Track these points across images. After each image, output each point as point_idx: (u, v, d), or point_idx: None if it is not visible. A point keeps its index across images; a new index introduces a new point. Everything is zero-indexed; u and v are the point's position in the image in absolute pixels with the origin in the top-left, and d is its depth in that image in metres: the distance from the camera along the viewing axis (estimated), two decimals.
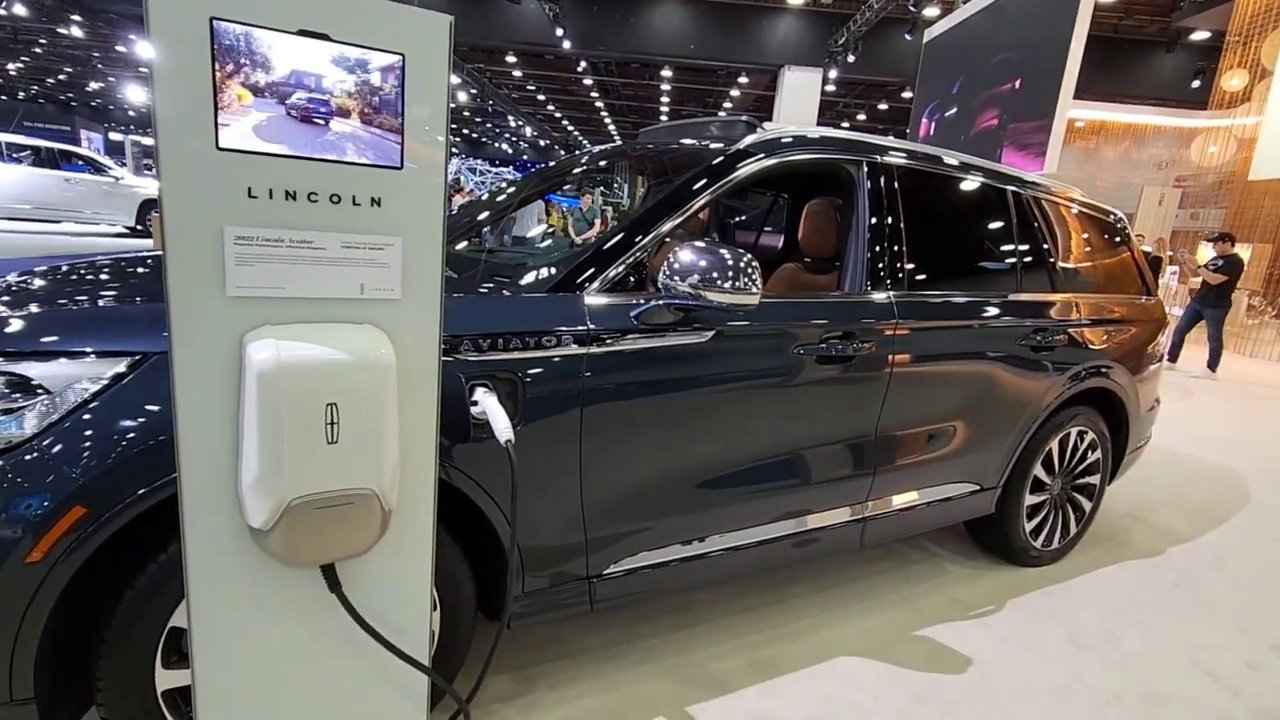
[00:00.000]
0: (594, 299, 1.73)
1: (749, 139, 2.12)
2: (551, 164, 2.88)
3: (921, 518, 2.52)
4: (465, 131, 40.81)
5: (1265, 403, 7.08)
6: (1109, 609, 2.67)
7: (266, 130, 1.03)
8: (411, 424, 1.24)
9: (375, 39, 1.07)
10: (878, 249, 2.26)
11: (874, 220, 2.26)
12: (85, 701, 1.45)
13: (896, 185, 2.33)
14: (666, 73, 22.37)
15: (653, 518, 1.90)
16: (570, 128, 37.07)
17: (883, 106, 25.15)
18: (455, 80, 20.75)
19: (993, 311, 2.53)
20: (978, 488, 2.64)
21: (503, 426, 1.43)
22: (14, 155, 10.93)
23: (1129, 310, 3.06)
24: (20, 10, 14.08)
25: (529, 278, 1.81)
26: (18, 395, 1.27)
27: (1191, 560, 3.15)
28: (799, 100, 18.18)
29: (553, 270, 1.79)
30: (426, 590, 1.38)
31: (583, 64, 21.04)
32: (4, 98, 33.89)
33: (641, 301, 1.76)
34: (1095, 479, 3.02)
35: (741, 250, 1.74)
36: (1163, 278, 12.21)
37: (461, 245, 2.47)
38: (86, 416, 1.25)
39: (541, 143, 40.94)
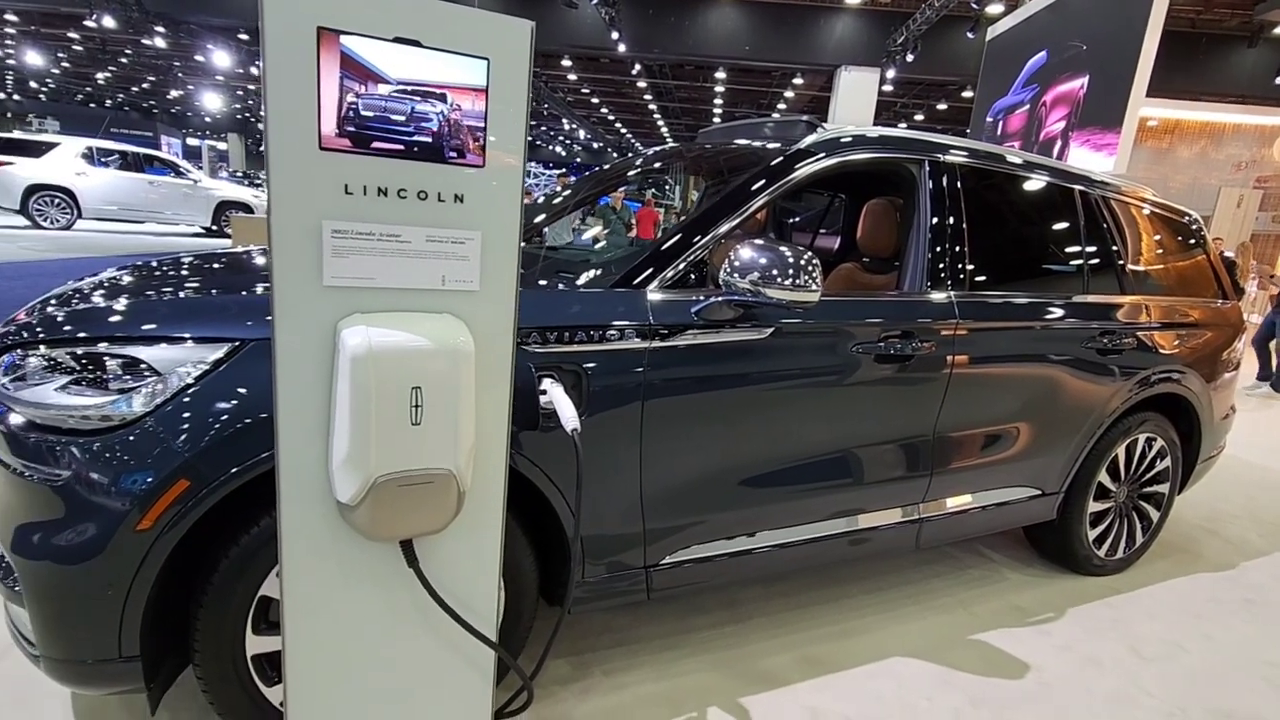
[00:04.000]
0: (656, 295, 1.78)
1: (809, 139, 2.14)
2: (609, 166, 2.95)
3: (979, 521, 2.49)
4: None
5: None
6: (1175, 621, 2.59)
7: (363, 131, 1.11)
8: (486, 410, 1.31)
9: (463, 44, 1.14)
10: (938, 249, 2.25)
11: (935, 220, 2.25)
12: (182, 662, 1.57)
13: (959, 184, 2.31)
14: (720, 74, 22.35)
15: (709, 510, 1.94)
16: (623, 130, 37.32)
17: (941, 106, 24.60)
18: None
19: (1057, 313, 2.48)
20: (1038, 493, 2.59)
21: (569, 415, 1.49)
22: (103, 160, 11.59)
23: (1203, 314, 2.96)
24: (110, 23, 14.92)
25: (592, 274, 1.87)
26: (129, 377, 1.38)
27: (1265, 574, 3.03)
28: (855, 101, 17.92)
29: (616, 267, 1.85)
30: (496, 570, 1.45)
31: (637, 67, 21.16)
32: (93, 105, 35.97)
33: (702, 298, 1.80)
34: (1164, 488, 2.93)
35: (802, 248, 1.76)
36: (1244, 283, 11.63)
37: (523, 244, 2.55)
38: (190, 398, 1.36)
39: (594, 145, 41.31)
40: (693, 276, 1.88)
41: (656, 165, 3.00)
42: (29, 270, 7.94)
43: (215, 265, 2.06)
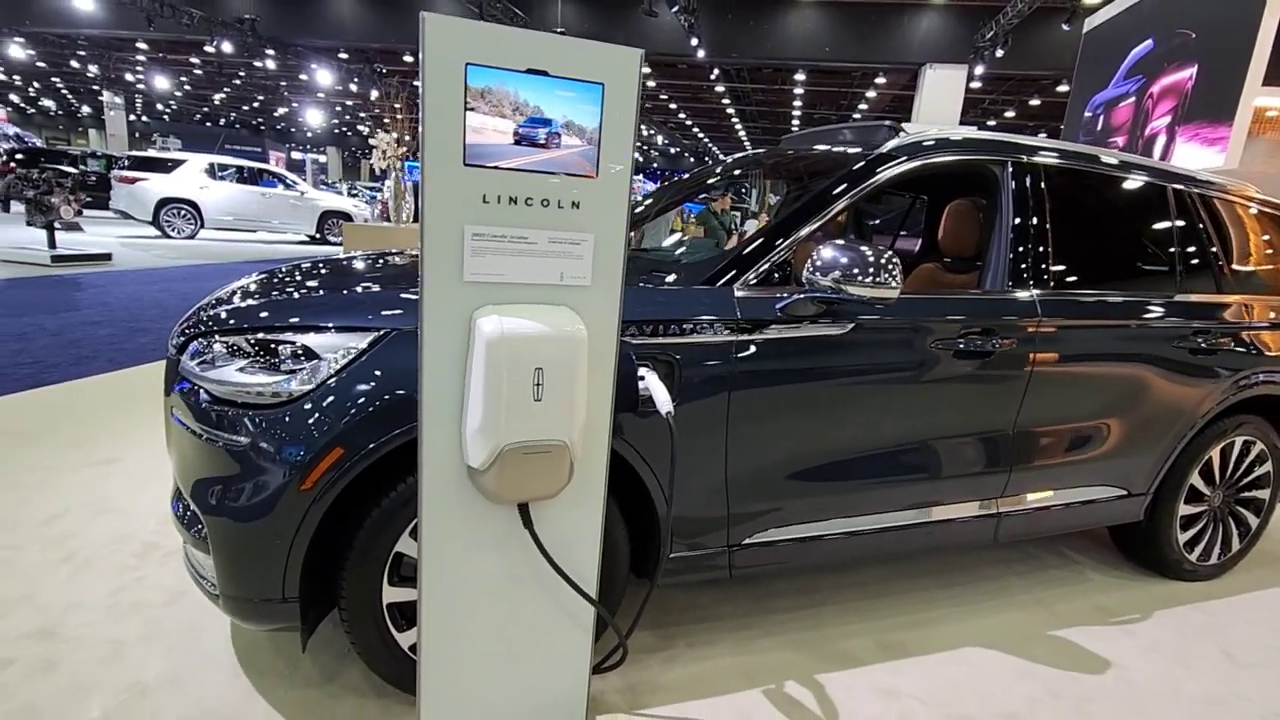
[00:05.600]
0: (742, 292, 1.92)
1: (891, 143, 2.23)
2: (694, 171, 3.10)
3: (1060, 518, 2.50)
4: None
5: None
6: (1274, 628, 2.53)
7: (499, 149, 1.30)
8: (593, 391, 1.49)
9: (583, 72, 1.32)
10: (1020, 248, 2.29)
11: (1017, 219, 2.30)
12: (326, 610, 1.81)
13: (1043, 185, 2.35)
14: (799, 76, 22.16)
15: (789, 496, 2.06)
16: (700, 135, 37.42)
17: (1035, 102, 23.59)
18: None
19: (1145, 312, 2.47)
20: (1124, 493, 2.58)
21: (664, 400, 1.65)
22: (222, 174, 12.62)
23: None
24: (227, 47, 16.20)
25: (685, 273, 2.03)
26: (294, 361, 1.63)
27: None
28: (940, 99, 17.46)
29: (706, 267, 2.00)
30: (598, 537, 1.62)
31: (715, 72, 21.25)
32: (209, 124, 38.92)
33: (785, 295, 1.93)
34: (1264, 493, 2.84)
35: (883, 248, 1.87)
36: None
37: None
38: (343, 378, 1.60)
39: (672, 150, 41.56)
40: (776, 276, 2.01)
41: (738, 171, 3.13)
42: (161, 275, 8.78)
43: (353, 267, 2.33)
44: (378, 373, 1.60)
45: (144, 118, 38.45)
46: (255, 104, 34.56)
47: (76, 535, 2.54)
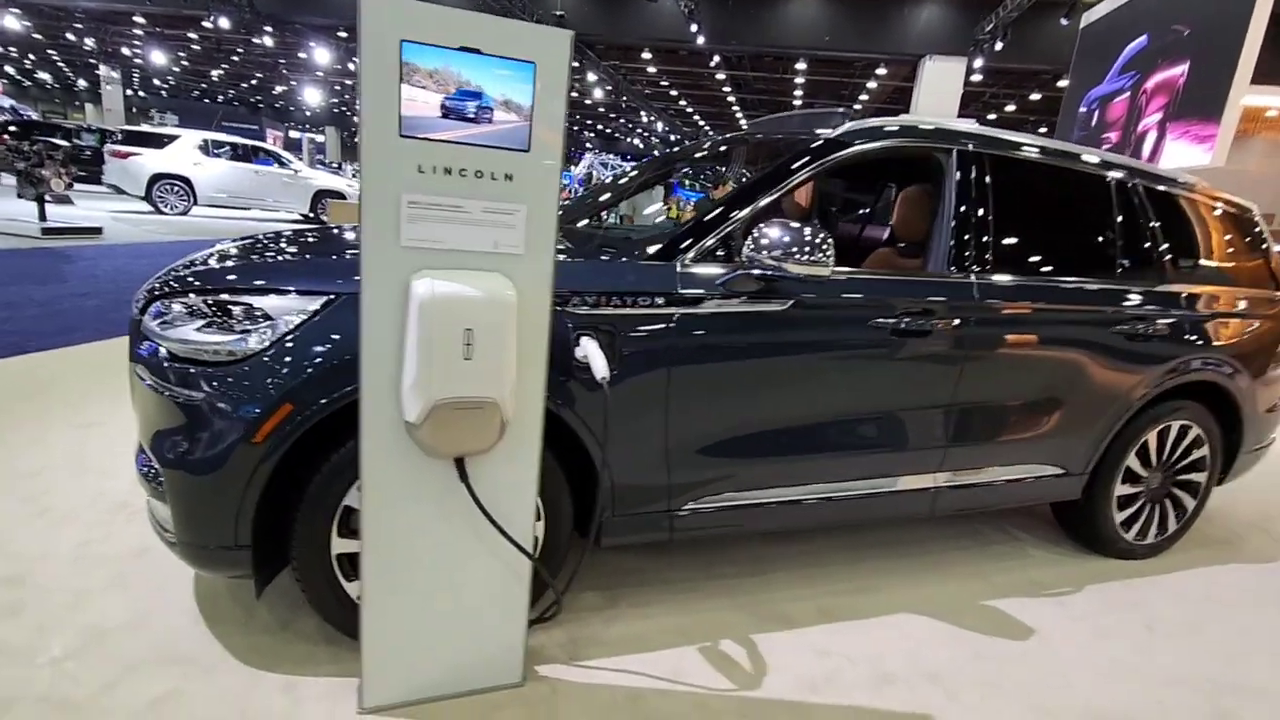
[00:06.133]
0: (686, 267, 2.01)
1: (841, 129, 2.32)
2: (658, 155, 3.18)
3: (997, 494, 2.61)
4: (600, 127, 42.07)
5: None
6: (1199, 606, 2.64)
7: (433, 122, 1.39)
8: (526, 354, 1.58)
9: (514, 51, 1.41)
10: (963, 233, 2.38)
11: (960, 206, 2.39)
12: (280, 564, 1.91)
13: (986, 173, 2.44)
14: (800, 65, 22.12)
15: (729, 464, 2.16)
16: (701, 122, 37.34)
17: (1035, 96, 23.57)
18: (592, 77, 21.41)
19: (1083, 298, 2.57)
20: (1062, 472, 2.69)
21: (600, 366, 1.75)
22: (216, 151, 12.63)
23: (1249, 305, 2.95)
24: (225, 23, 16.14)
25: (633, 248, 2.12)
26: (249, 321, 1.72)
27: None
28: (940, 91, 17.48)
29: (652, 242, 2.09)
30: (533, 493, 1.72)
31: (715, 58, 21.22)
32: (207, 100, 38.72)
33: (727, 272, 2.03)
34: (1200, 476, 2.95)
35: (818, 228, 1.96)
36: None
37: (583, 223, 2.83)
38: (295, 339, 1.69)
39: (672, 137, 41.45)
40: (721, 253, 2.10)
41: (700, 155, 3.21)
42: (152, 250, 8.84)
43: (313, 237, 2.42)
44: (327, 334, 1.69)
45: (141, 93, 38.27)
46: (253, 82, 34.39)
47: (54, 491, 2.64)
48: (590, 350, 1.80)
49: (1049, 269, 2.60)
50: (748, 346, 2.07)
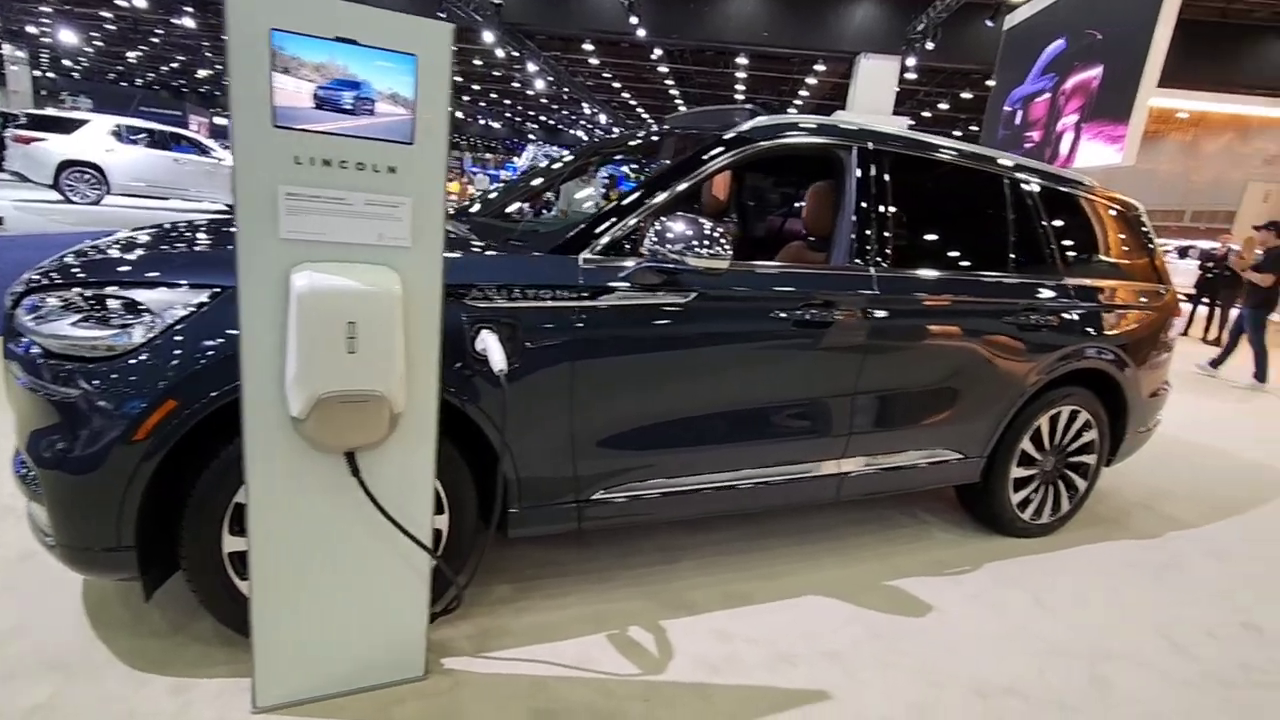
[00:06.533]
0: (589, 261, 2.03)
1: (744, 125, 2.37)
2: (575, 149, 3.19)
3: (900, 478, 2.72)
4: (543, 119, 41.67)
5: None
6: (1085, 579, 2.81)
7: (308, 113, 1.37)
8: (417, 348, 1.58)
9: (394, 43, 1.40)
10: (863, 228, 2.47)
11: (860, 201, 2.48)
12: (171, 567, 1.86)
13: (884, 169, 2.53)
14: (741, 60, 22.34)
15: (635, 455, 2.20)
16: (644, 115, 37.37)
17: (966, 95, 24.37)
18: (532, 68, 21.12)
19: (976, 290, 2.69)
20: (960, 456, 2.81)
21: (498, 359, 1.75)
22: (132, 138, 12.02)
23: (1134, 298, 3.14)
24: (140, 2, 15.35)
25: (537, 241, 2.12)
26: (129, 315, 1.67)
27: (1189, 546, 3.22)
28: (875, 89, 17.90)
29: (556, 235, 2.10)
30: (429, 487, 1.72)
31: (657, 51, 21.25)
32: (124, 84, 36.77)
33: (629, 265, 2.05)
34: (1090, 458, 3.13)
35: (714, 222, 2.01)
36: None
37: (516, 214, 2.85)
38: (178, 334, 1.64)
39: (615, 130, 41.38)
40: (628, 247, 2.13)
41: (615, 149, 3.23)
42: (57, 242, 8.35)
43: (211, 228, 2.34)
44: (213, 329, 1.65)
45: (51, 75, 36.07)
46: (175, 65, 32.81)
47: None
48: (489, 343, 1.80)
49: (947, 263, 2.72)
50: (651, 339, 2.10)
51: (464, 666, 1.95)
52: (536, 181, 3.14)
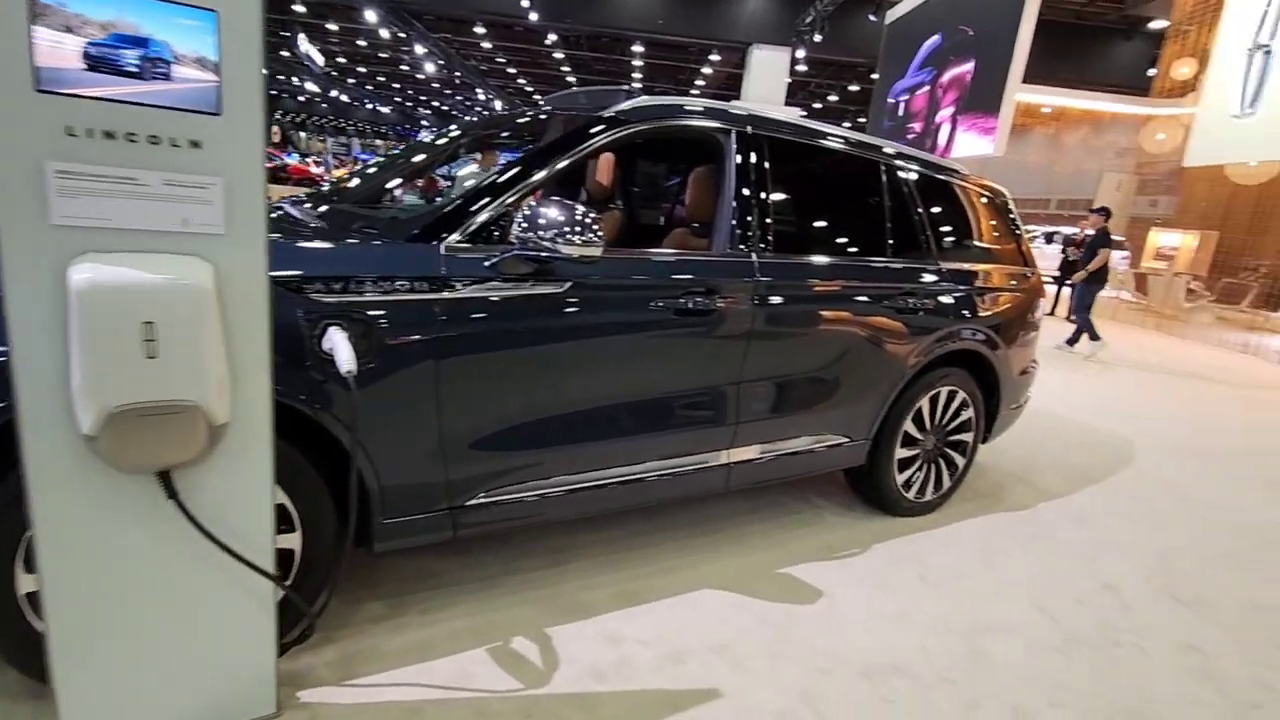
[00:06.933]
0: (450, 248, 1.87)
1: (619, 107, 2.27)
2: (440, 131, 2.98)
3: (789, 465, 2.71)
4: (435, 104, 40.28)
5: (1183, 383, 7.43)
6: (965, 553, 2.90)
7: (82, 75, 1.15)
8: (243, 350, 1.38)
9: None
10: (744, 213, 2.42)
11: (740, 186, 2.43)
12: None
13: (764, 154, 2.49)
14: (638, 48, 22.31)
15: (513, 456, 2.06)
16: (541, 101, 36.78)
17: (853, 88, 25.32)
18: (420, 50, 20.32)
19: (857, 275, 2.71)
20: (847, 440, 2.84)
21: (345, 359, 1.58)
22: None
23: (1002, 281, 3.27)
24: None
25: (391, 228, 1.94)
26: None
27: (1058, 514, 3.40)
28: (767, 79, 18.28)
29: (415, 221, 1.93)
30: (268, 502, 1.53)
31: (553, 36, 20.88)
32: None
33: (499, 253, 1.91)
34: (968, 436, 3.24)
35: (596, 208, 1.90)
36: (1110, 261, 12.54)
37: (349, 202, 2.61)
38: None
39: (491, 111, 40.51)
40: (497, 234, 1.98)
41: (485, 130, 3.06)
42: None
43: None
44: None
45: None
46: None
47: None
48: (336, 342, 1.63)
49: (830, 248, 2.72)
50: (524, 331, 1.97)
51: (325, 698, 1.77)
52: (402, 164, 2.92)
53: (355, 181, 2.74)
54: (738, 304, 2.34)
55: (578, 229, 1.87)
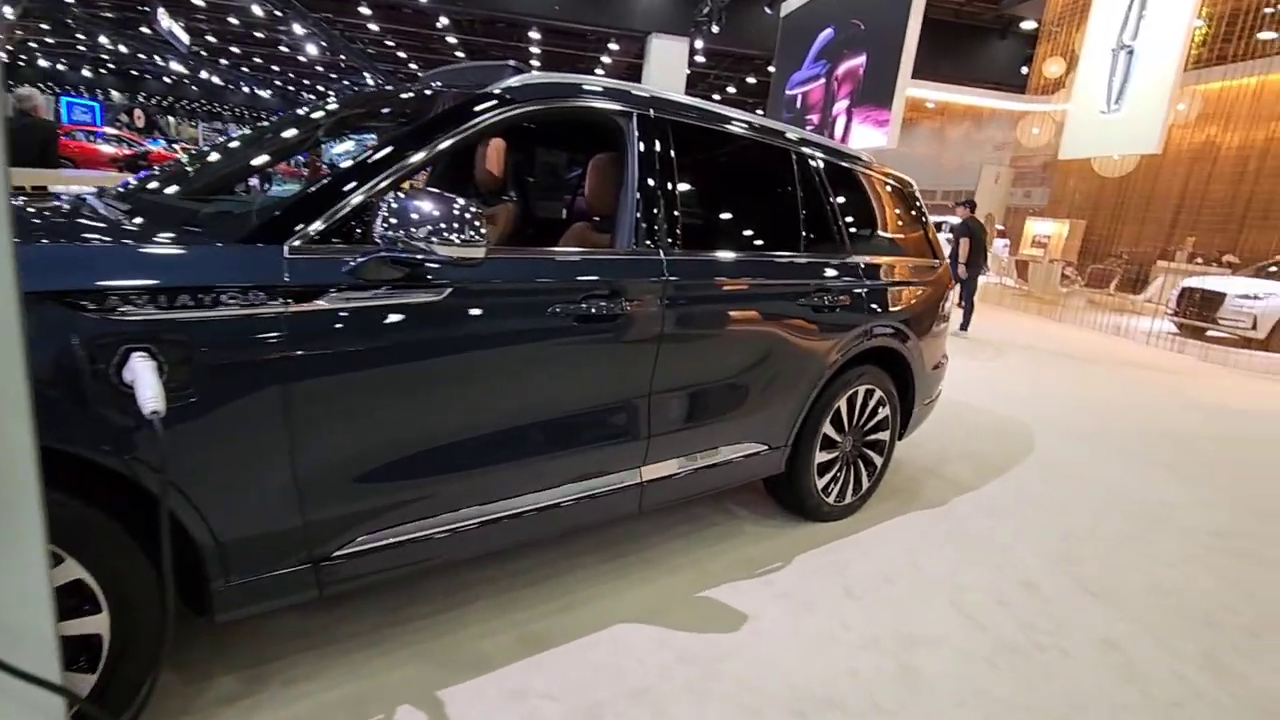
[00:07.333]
0: (297, 251, 1.54)
1: (504, 83, 1.98)
2: (302, 111, 2.57)
3: (706, 479, 2.51)
4: (320, 88, 38.13)
5: (1066, 365, 7.83)
6: (886, 558, 2.80)
7: None
8: None
9: None
10: (649, 206, 2.18)
11: (645, 176, 2.19)
12: None
13: (670, 141, 2.26)
14: (535, 35, 21.74)
15: (390, 494, 1.75)
16: (423, 78, 35.43)
17: (751, 80, 25.71)
18: (299, 30, 19.08)
19: (771, 271, 2.54)
20: (765, 448, 2.67)
21: (149, 396, 1.23)
22: None
23: (914, 273, 3.19)
24: None
25: (221, 225, 1.58)
26: None
27: (971, 507, 3.38)
28: (667, 69, 18.17)
29: (246, 220, 1.58)
30: (43, 587, 1.16)
31: (444, 20, 20.01)
32: None
33: (355, 256, 1.58)
34: (885, 435, 3.15)
35: (466, 200, 1.60)
36: (992, 250, 13.22)
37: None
38: None
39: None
40: (359, 232, 1.66)
41: (354, 110, 2.68)
42: None
43: None
44: None
45: None
46: None
47: None
48: (139, 373, 1.27)
49: (740, 243, 2.53)
50: (395, 347, 1.66)
51: None
52: (250, 149, 2.49)
53: (188, 169, 2.30)
54: (645, 307, 2.11)
55: (456, 226, 1.57)
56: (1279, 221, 13.80)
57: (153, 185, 2.13)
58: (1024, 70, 19.80)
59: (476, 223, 1.59)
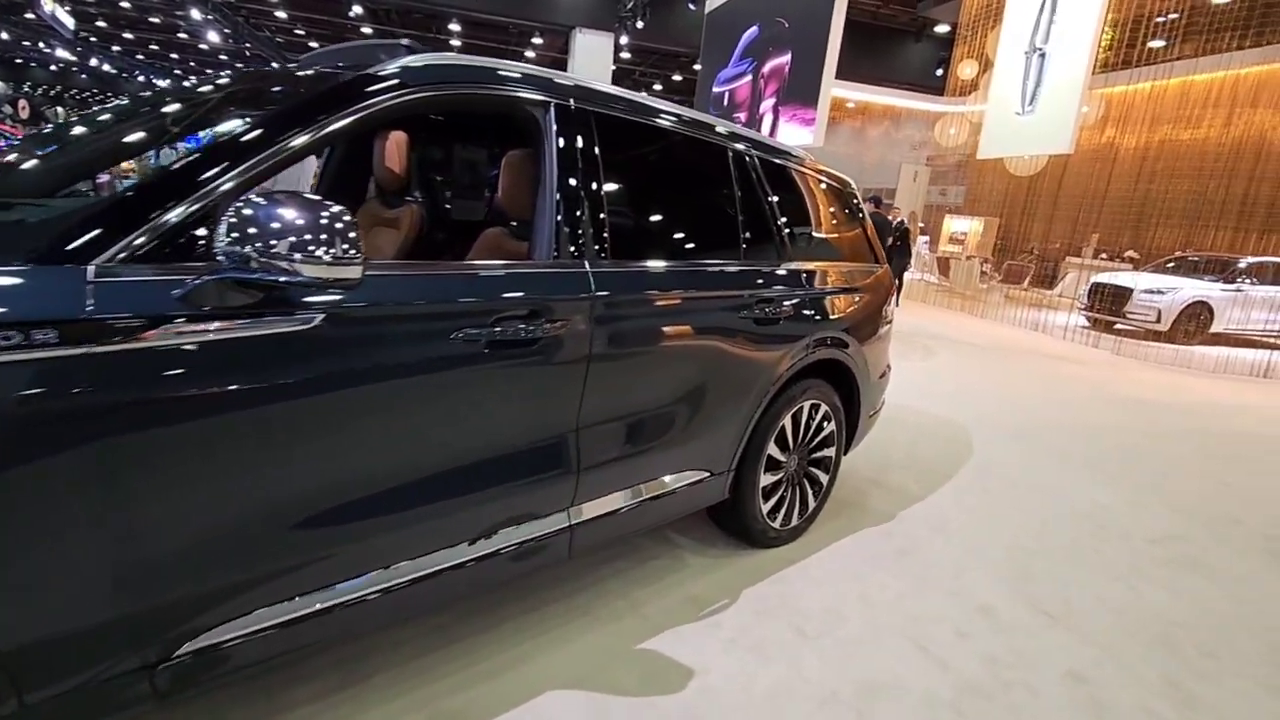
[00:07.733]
0: (108, 273, 1.17)
1: (399, 62, 1.65)
2: (151, 97, 2.13)
3: (644, 515, 2.23)
4: (225, 78, 36.02)
5: (991, 361, 7.95)
6: (837, 587, 2.60)
7: None
8: None
9: None
10: (571, 210, 1.89)
11: (565, 176, 1.89)
12: None
13: (594, 137, 1.97)
14: (455, 27, 21.03)
15: (251, 570, 1.40)
16: (301, 59, 33.97)
17: (677, 78, 25.65)
18: (197, 15, 17.88)
19: (709, 282, 2.28)
20: (707, 474, 2.42)
21: None
22: None
23: (858, 279, 3.01)
24: None
25: (4, 240, 1.20)
26: None
27: (919, 522, 3.23)
28: (591, 65, 17.86)
29: (41, 229, 1.21)
30: None
31: (358, 9, 19.07)
32: None
33: (190, 278, 1.23)
34: (831, 451, 2.96)
35: (334, 203, 1.27)
36: (915, 247, 13.47)
37: None
38: None
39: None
40: (200, 246, 1.30)
41: (216, 96, 2.26)
42: None
43: None
44: None
45: None
46: None
47: None
48: None
49: (674, 251, 2.27)
50: (248, 393, 1.31)
51: None
52: (77, 139, 2.04)
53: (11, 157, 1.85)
54: (570, 328, 1.81)
55: (325, 238, 1.24)
56: (1180, 219, 14.63)
57: None
58: (939, 72, 20.39)
59: (351, 234, 1.26)
